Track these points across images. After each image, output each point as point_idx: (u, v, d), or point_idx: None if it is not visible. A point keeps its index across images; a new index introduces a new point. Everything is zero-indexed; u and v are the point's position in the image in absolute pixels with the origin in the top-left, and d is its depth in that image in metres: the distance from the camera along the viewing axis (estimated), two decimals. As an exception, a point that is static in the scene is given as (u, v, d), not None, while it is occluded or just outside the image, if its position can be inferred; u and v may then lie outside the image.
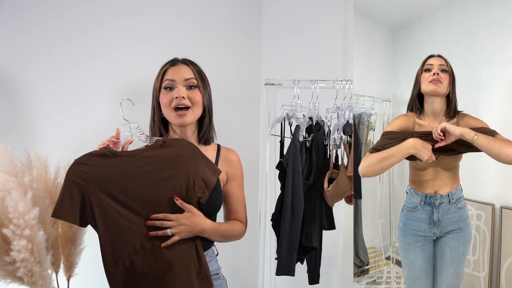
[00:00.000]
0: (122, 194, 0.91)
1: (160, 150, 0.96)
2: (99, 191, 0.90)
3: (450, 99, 1.36)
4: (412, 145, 1.23)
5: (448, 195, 1.41)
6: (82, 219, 0.92)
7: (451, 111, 1.36)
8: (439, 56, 1.45)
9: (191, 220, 0.93)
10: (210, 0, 1.85)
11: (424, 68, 1.39)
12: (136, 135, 0.99)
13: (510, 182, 2.16)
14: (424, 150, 1.22)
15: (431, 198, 1.42)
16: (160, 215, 0.91)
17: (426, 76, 1.36)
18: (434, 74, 1.32)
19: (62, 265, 1.11)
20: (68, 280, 1.12)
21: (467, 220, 1.46)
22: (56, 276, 1.09)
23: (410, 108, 1.46)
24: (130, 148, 1.00)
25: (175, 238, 0.91)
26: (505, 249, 2.11)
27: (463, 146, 1.31)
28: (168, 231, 0.90)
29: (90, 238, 1.16)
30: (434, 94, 1.33)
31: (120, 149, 0.97)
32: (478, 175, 2.36)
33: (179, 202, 0.92)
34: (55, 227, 1.06)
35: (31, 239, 0.91)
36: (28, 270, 0.91)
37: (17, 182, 0.97)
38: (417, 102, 1.41)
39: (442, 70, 1.37)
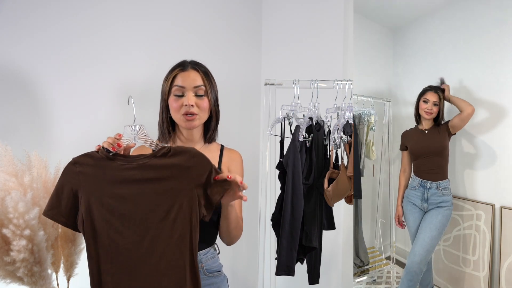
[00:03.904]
0: (115, 201, 0.84)
1: (163, 159, 0.87)
2: (92, 195, 0.84)
3: (437, 117, 2.19)
4: None
5: (437, 184, 2.12)
6: (75, 222, 0.86)
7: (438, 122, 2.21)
8: (435, 91, 2.18)
9: None
10: (211, 1, 1.85)
11: (422, 99, 2.20)
12: (139, 138, 0.91)
13: (510, 182, 2.16)
14: None
15: (425, 183, 2.16)
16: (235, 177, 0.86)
17: (423, 106, 2.18)
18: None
19: (62, 265, 1.11)
20: (68, 280, 1.12)
21: (448, 203, 2.11)
22: (56, 276, 1.09)
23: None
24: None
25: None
26: (505, 249, 2.11)
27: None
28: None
29: (90, 238, 1.16)
30: (426, 118, 2.21)
31: (122, 152, 0.91)
32: (478, 175, 2.36)
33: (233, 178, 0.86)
34: (55, 227, 1.06)
35: (31, 239, 0.91)
36: (28, 270, 0.91)
37: (17, 182, 0.97)
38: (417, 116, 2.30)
39: (435, 104, 2.15)
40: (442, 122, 2.20)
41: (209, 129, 1.12)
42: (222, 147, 1.16)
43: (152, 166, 0.86)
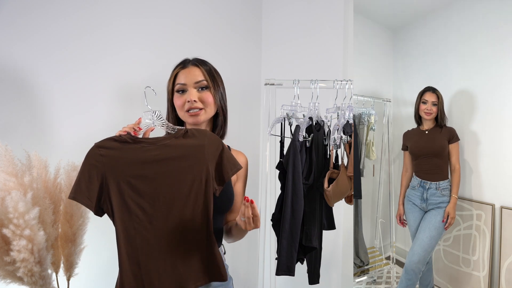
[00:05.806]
0: (140, 181, 0.89)
1: (182, 139, 0.95)
2: (117, 176, 0.88)
3: (437, 117, 2.20)
4: None
5: (436, 184, 2.12)
6: (98, 206, 0.89)
7: (439, 123, 2.21)
8: (433, 91, 2.17)
9: None
10: (211, 1, 1.85)
11: (421, 101, 2.20)
12: (157, 122, 0.98)
13: (510, 182, 2.16)
14: None
15: (424, 183, 2.17)
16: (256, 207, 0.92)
17: (422, 107, 2.19)
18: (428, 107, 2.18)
19: (62, 265, 1.11)
20: (68, 280, 1.12)
21: (448, 203, 2.10)
22: (56, 276, 1.09)
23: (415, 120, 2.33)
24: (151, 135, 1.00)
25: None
26: (505, 249, 2.11)
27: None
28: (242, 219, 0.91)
29: (90, 238, 1.16)
30: (427, 119, 2.22)
31: (142, 135, 0.97)
32: (478, 175, 2.36)
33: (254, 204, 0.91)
34: (55, 227, 1.06)
35: (31, 239, 0.90)
36: (28, 270, 0.91)
37: (17, 182, 0.97)
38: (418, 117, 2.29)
39: (433, 104, 2.16)
40: (447, 125, 2.20)
41: (217, 126, 1.12)
42: (228, 148, 1.16)
43: (172, 146, 0.94)
